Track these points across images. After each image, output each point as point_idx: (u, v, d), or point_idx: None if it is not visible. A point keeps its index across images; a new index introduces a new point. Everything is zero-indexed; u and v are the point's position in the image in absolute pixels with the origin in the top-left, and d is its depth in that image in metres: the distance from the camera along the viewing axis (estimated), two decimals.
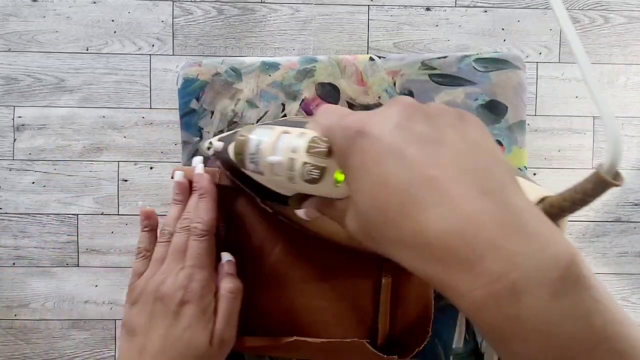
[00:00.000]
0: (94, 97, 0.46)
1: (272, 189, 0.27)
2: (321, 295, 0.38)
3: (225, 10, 0.45)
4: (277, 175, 0.24)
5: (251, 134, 0.24)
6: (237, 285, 0.32)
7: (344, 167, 0.20)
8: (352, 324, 0.38)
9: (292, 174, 0.23)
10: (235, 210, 0.41)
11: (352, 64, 0.43)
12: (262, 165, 0.24)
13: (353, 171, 0.19)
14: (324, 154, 0.21)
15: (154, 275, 0.31)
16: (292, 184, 0.24)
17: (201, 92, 0.43)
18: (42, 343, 0.47)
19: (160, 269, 0.31)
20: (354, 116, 0.20)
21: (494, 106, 0.43)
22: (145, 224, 0.33)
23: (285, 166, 0.23)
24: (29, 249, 0.47)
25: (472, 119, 0.19)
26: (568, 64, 0.46)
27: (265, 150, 0.23)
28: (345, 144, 0.19)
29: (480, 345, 0.41)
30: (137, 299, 0.30)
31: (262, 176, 0.25)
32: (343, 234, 0.30)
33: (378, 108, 0.20)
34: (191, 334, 0.30)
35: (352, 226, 0.21)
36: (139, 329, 0.29)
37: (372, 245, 0.20)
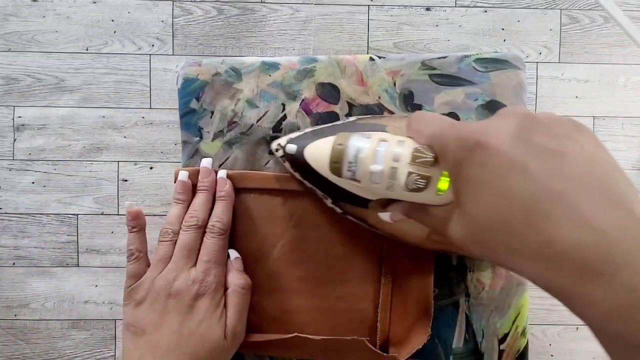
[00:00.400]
0: (93, 97, 0.46)
1: (354, 192, 0.27)
2: (321, 295, 0.38)
3: (225, 10, 0.45)
4: (375, 183, 0.24)
5: (349, 142, 0.24)
6: (248, 282, 0.33)
7: (457, 177, 0.20)
8: (352, 323, 0.38)
9: (393, 183, 0.23)
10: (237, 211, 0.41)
11: (352, 64, 0.43)
12: (360, 173, 0.24)
13: (469, 183, 0.19)
14: (430, 163, 0.22)
15: (161, 274, 0.31)
16: (389, 191, 0.24)
17: (201, 92, 0.43)
18: (42, 343, 0.47)
19: (167, 268, 0.31)
20: (468, 127, 0.20)
21: (494, 106, 0.43)
22: (133, 225, 0.33)
23: (386, 175, 0.23)
24: (29, 249, 0.47)
25: (585, 128, 0.19)
26: (568, 64, 0.46)
27: (366, 159, 0.23)
28: (461, 155, 0.19)
29: (480, 345, 0.41)
30: (143, 299, 0.31)
31: (354, 183, 0.25)
32: (421, 237, 0.30)
33: (489, 119, 0.20)
34: (206, 327, 0.30)
35: (457, 233, 0.21)
36: (149, 328, 0.29)
37: (482, 253, 0.20)
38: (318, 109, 0.42)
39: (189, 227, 0.33)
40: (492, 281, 0.41)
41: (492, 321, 0.41)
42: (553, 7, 0.45)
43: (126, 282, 0.31)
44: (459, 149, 0.19)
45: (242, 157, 0.42)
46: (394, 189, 0.23)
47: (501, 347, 0.41)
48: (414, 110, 0.42)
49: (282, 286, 0.37)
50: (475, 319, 0.41)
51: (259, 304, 0.36)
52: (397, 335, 0.38)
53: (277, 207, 0.40)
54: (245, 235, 0.40)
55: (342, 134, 0.26)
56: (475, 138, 0.19)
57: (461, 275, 0.41)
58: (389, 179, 0.23)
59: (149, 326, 0.30)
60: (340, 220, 0.39)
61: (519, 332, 0.41)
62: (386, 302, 0.38)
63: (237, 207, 0.40)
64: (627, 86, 0.48)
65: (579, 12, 0.46)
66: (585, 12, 0.46)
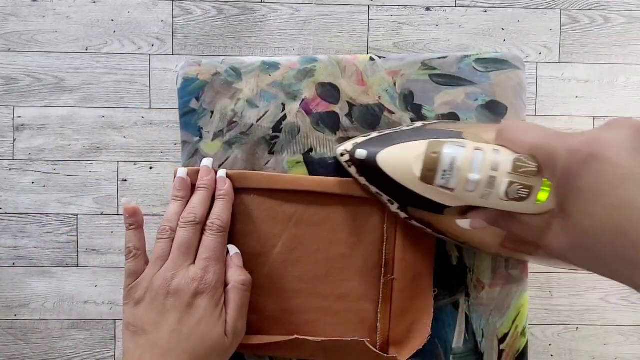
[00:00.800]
0: (93, 97, 0.46)
1: (432, 199, 0.27)
2: (321, 295, 0.38)
3: (225, 10, 0.45)
4: (469, 192, 0.24)
5: (443, 150, 0.24)
6: (248, 278, 0.33)
7: (566, 188, 0.20)
8: (352, 323, 0.38)
9: (490, 192, 0.23)
10: (236, 211, 0.41)
11: (352, 64, 0.44)
12: (455, 182, 0.24)
13: (581, 194, 0.19)
14: (533, 173, 0.22)
15: (159, 272, 0.31)
16: (482, 200, 0.24)
17: (201, 92, 0.43)
18: (42, 343, 0.47)
19: (165, 266, 0.31)
20: (577, 137, 0.20)
21: (494, 106, 0.43)
22: (131, 222, 0.32)
23: (483, 184, 0.23)
24: (28, 249, 0.47)
25: None
26: (568, 64, 0.46)
27: (463, 168, 0.23)
28: (572, 166, 0.19)
29: (480, 345, 0.41)
30: (142, 298, 0.30)
31: (444, 191, 0.25)
32: (494, 244, 0.30)
33: (598, 129, 0.20)
34: (206, 326, 0.30)
35: (560, 243, 0.21)
36: (149, 327, 0.29)
37: (589, 264, 0.20)
38: (318, 108, 0.42)
39: (186, 223, 0.33)
40: (492, 281, 0.41)
41: (492, 321, 0.41)
42: (553, 7, 0.45)
43: (125, 280, 0.31)
44: (569, 160, 0.19)
45: (242, 157, 0.42)
46: (489, 197, 0.23)
47: (501, 347, 0.41)
48: (414, 110, 0.42)
49: (281, 286, 0.37)
50: (475, 318, 0.41)
51: (258, 304, 0.36)
52: (397, 335, 0.38)
53: (276, 207, 0.39)
54: (244, 235, 0.40)
55: (434, 141, 0.26)
56: (589, 149, 0.19)
57: (461, 275, 0.41)
58: (486, 188, 0.23)
59: (148, 325, 0.29)
60: (340, 220, 0.39)
61: (518, 332, 0.41)
62: (386, 302, 0.38)
63: (237, 207, 0.40)
64: (627, 86, 0.48)
65: (579, 12, 0.46)
66: (585, 12, 0.46)
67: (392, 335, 0.38)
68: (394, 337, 0.38)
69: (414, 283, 0.38)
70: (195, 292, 0.30)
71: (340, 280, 0.38)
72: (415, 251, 0.38)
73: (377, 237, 0.39)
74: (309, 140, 0.42)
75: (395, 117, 0.42)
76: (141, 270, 0.32)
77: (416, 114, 0.42)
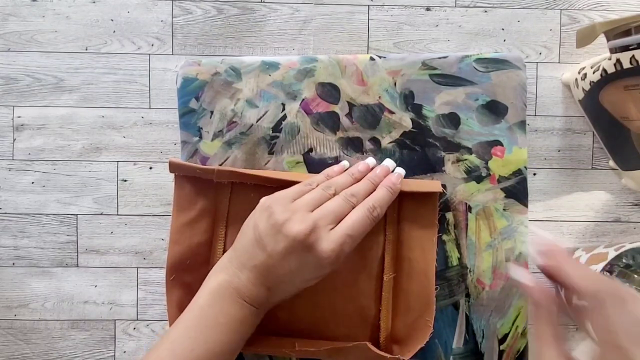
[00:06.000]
0: (93, 96, 0.46)
1: None
2: (323, 294, 0.38)
3: (224, 10, 0.45)
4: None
5: None
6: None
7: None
8: (354, 321, 0.38)
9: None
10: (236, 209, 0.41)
11: (352, 63, 0.43)
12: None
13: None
14: None
15: (303, 214, 0.32)
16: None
17: (200, 92, 0.43)
18: (42, 343, 0.47)
19: (311, 215, 0.32)
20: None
21: (494, 106, 0.43)
22: (332, 175, 0.37)
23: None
24: (28, 249, 0.47)
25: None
26: (568, 64, 0.46)
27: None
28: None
29: (480, 345, 0.41)
30: (278, 223, 0.32)
31: None
32: None
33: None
34: (312, 283, 0.33)
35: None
36: (273, 253, 0.31)
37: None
38: (318, 108, 0.42)
39: (349, 197, 0.34)
40: (493, 282, 0.41)
41: (492, 321, 0.41)
42: (553, 7, 0.45)
43: (284, 195, 0.34)
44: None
45: (242, 157, 0.42)
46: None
47: (501, 348, 0.41)
48: (415, 110, 0.42)
49: None
50: (476, 319, 0.41)
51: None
52: (399, 333, 0.38)
53: None
54: None
55: None
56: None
57: (461, 276, 0.41)
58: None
59: (273, 251, 0.31)
60: None
61: (519, 333, 0.41)
62: (388, 300, 0.38)
63: (237, 207, 0.40)
64: None
65: (578, 12, 0.46)
66: (585, 12, 0.46)
67: (394, 333, 0.38)
68: (396, 335, 0.38)
69: (416, 280, 0.38)
70: (321, 259, 0.31)
71: (343, 278, 0.38)
72: (417, 249, 0.38)
73: (379, 234, 0.39)
74: (309, 140, 0.42)
75: (396, 117, 0.42)
76: (302, 195, 0.34)
77: (416, 114, 0.42)
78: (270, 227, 0.32)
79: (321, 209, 0.33)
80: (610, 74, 0.37)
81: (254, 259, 0.32)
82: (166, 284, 0.39)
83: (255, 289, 0.32)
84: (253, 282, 0.32)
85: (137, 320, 0.47)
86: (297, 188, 0.35)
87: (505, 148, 0.41)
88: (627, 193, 0.46)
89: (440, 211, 0.40)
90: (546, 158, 0.46)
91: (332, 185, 0.35)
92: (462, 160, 0.41)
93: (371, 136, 0.42)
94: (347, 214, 0.33)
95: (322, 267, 0.32)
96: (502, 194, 0.41)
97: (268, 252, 0.31)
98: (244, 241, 0.33)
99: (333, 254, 0.31)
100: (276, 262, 0.31)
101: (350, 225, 0.32)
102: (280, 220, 0.31)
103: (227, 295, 0.31)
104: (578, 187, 0.46)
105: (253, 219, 0.34)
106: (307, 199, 0.33)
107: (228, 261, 0.33)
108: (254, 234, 0.32)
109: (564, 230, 0.46)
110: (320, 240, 0.31)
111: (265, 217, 0.32)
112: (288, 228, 0.31)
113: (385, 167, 0.38)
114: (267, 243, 0.31)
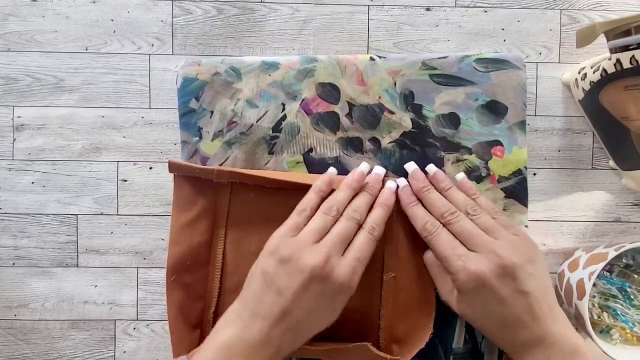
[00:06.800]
0: (93, 96, 0.46)
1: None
2: None
3: (224, 10, 0.45)
4: None
5: None
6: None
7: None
8: (354, 321, 0.38)
9: None
10: (236, 210, 0.41)
11: (352, 63, 0.43)
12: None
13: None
14: None
15: (314, 247, 0.32)
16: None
17: (200, 92, 0.43)
18: (42, 343, 0.47)
19: (322, 245, 0.32)
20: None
21: (494, 106, 0.43)
22: (325, 189, 0.36)
23: None
24: (28, 249, 0.47)
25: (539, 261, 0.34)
26: (568, 64, 0.46)
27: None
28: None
29: (480, 345, 0.41)
30: (288, 260, 0.32)
31: None
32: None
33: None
34: (333, 316, 0.33)
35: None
36: (288, 294, 0.31)
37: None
38: (318, 108, 0.42)
39: (352, 219, 0.34)
40: None
41: None
42: (553, 7, 0.45)
43: (284, 229, 0.33)
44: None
45: (242, 157, 0.42)
46: None
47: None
48: (415, 110, 0.42)
49: None
50: None
51: None
52: (399, 332, 0.38)
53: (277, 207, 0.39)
54: (246, 234, 0.40)
55: None
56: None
57: None
58: None
59: (287, 291, 0.31)
60: None
61: None
62: (388, 300, 0.38)
63: (237, 207, 0.40)
64: None
65: (578, 12, 0.46)
66: (585, 13, 0.46)
67: (394, 333, 0.38)
68: (396, 335, 0.38)
69: (416, 280, 0.38)
70: (340, 287, 0.31)
71: None
72: (416, 249, 0.38)
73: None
74: (309, 140, 0.42)
75: (396, 117, 0.42)
76: (302, 227, 0.34)
77: (416, 114, 0.42)
78: (282, 267, 0.31)
79: (329, 237, 0.33)
80: (610, 74, 0.37)
81: (267, 306, 0.31)
82: (166, 285, 0.39)
83: (272, 339, 0.30)
84: (267, 332, 0.30)
85: (137, 320, 0.47)
86: (293, 221, 0.34)
87: (505, 148, 0.41)
88: (627, 193, 0.46)
89: None
90: (546, 158, 0.46)
91: (333, 205, 0.34)
92: (462, 160, 0.41)
93: (371, 136, 0.42)
94: (354, 234, 0.34)
95: (340, 294, 0.32)
96: (502, 194, 0.41)
97: (283, 294, 0.30)
98: (252, 290, 0.32)
99: (348, 280, 0.32)
100: (293, 302, 0.30)
101: (358, 249, 0.33)
102: (292, 258, 0.31)
103: (239, 351, 0.30)
104: (578, 187, 0.46)
105: (259, 266, 0.33)
106: (312, 229, 0.33)
107: (235, 314, 0.32)
108: (263, 279, 0.31)
109: (564, 230, 0.46)
110: (335, 268, 0.31)
111: (274, 260, 0.32)
112: (302, 264, 0.31)
113: (379, 176, 0.38)
114: (280, 285, 0.31)
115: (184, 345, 0.39)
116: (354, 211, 0.34)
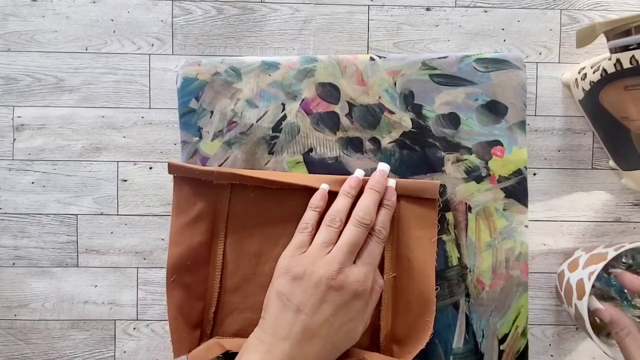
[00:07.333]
0: (93, 96, 0.46)
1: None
2: None
3: (225, 10, 0.45)
4: None
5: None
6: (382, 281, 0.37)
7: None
8: None
9: None
10: (236, 210, 0.41)
11: (352, 63, 0.43)
12: None
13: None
14: None
15: (324, 259, 0.32)
16: None
17: (200, 92, 0.43)
18: (42, 343, 0.47)
19: (332, 256, 0.32)
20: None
21: (494, 106, 0.43)
22: (322, 205, 0.36)
23: None
24: (28, 249, 0.47)
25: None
26: (568, 64, 0.46)
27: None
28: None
29: (480, 345, 0.41)
30: (301, 276, 0.32)
31: None
32: None
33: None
34: (353, 325, 0.32)
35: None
36: (305, 309, 0.31)
37: None
38: (318, 108, 0.42)
39: (362, 224, 0.34)
40: (492, 282, 0.41)
41: (492, 321, 0.41)
42: (553, 7, 0.45)
43: (291, 249, 0.34)
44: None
45: (242, 157, 0.42)
46: None
47: (501, 348, 0.41)
48: (414, 110, 0.42)
49: None
50: (476, 319, 0.41)
51: (260, 303, 0.36)
52: (399, 333, 0.38)
53: (277, 206, 0.39)
54: (246, 235, 0.40)
55: None
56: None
57: (461, 276, 0.41)
58: None
59: (303, 306, 0.31)
60: None
61: (519, 333, 0.41)
62: (388, 300, 0.38)
63: (237, 207, 0.40)
64: None
65: (578, 12, 0.46)
66: (585, 13, 0.46)
67: (394, 333, 0.38)
68: (396, 335, 0.38)
69: (416, 280, 0.38)
70: (355, 294, 0.32)
71: None
72: (416, 249, 0.38)
73: None
74: (309, 140, 0.42)
75: (396, 117, 0.42)
76: (308, 244, 0.34)
77: (416, 114, 0.42)
78: (296, 285, 0.31)
79: (339, 246, 0.33)
80: (610, 74, 0.37)
81: (287, 325, 0.31)
82: (166, 285, 0.39)
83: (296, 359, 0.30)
84: (290, 352, 0.30)
85: (137, 320, 0.47)
86: (298, 239, 0.34)
87: (505, 148, 0.41)
88: (627, 193, 0.46)
89: (440, 211, 0.40)
90: (546, 158, 0.46)
91: (335, 216, 0.35)
92: (462, 160, 0.41)
93: (371, 136, 0.42)
94: (363, 238, 0.34)
95: (357, 301, 0.32)
96: (502, 194, 0.41)
97: (301, 311, 0.31)
98: (270, 313, 0.32)
99: (362, 285, 0.32)
100: (312, 316, 0.30)
101: (368, 254, 0.33)
102: (305, 274, 0.31)
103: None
104: (578, 187, 0.46)
105: (273, 288, 0.33)
106: (319, 243, 0.33)
107: (256, 340, 0.32)
108: (279, 300, 0.32)
109: (564, 230, 0.46)
110: (348, 276, 0.32)
111: (287, 279, 0.32)
112: (315, 277, 0.31)
113: (383, 172, 0.38)
114: (297, 302, 0.31)
115: (184, 345, 0.39)
116: (363, 217, 0.34)
